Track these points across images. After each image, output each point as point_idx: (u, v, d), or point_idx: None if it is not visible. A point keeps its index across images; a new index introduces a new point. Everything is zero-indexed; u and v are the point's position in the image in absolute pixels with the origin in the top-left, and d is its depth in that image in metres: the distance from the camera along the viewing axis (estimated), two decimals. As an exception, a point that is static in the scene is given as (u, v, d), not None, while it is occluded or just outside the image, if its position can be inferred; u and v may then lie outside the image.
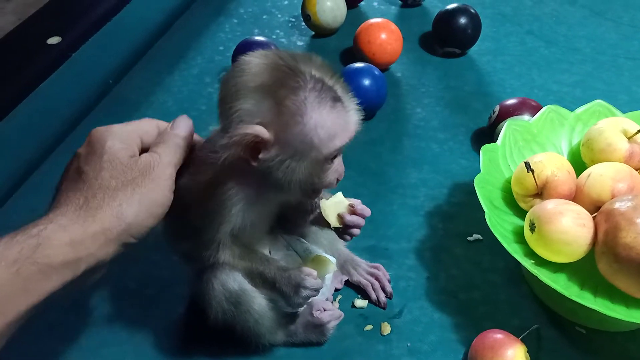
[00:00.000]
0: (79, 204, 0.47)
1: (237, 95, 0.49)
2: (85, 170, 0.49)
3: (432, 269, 0.73)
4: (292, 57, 0.50)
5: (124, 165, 0.50)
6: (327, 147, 0.50)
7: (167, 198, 0.51)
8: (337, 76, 0.51)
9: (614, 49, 1.10)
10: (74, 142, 0.92)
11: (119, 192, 0.48)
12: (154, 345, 0.66)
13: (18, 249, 0.44)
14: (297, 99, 0.48)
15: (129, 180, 0.49)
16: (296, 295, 0.56)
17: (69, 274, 0.46)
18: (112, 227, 0.47)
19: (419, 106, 0.99)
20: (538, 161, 0.66)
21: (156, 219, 0.51)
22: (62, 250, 0.45)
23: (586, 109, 0.78)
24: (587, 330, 0.65)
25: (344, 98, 0.50)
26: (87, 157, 0.50)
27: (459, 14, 1.05)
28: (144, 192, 0.49)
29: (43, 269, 0.44)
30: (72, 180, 0.49)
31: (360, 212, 0.59)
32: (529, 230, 0.62)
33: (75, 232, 0.46)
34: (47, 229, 0.45)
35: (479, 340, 0.61)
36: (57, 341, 0.66)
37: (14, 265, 0.43)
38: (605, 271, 0.59)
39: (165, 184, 0.51)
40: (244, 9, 1.26)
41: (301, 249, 0.63)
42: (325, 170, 0.52)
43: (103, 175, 0.49)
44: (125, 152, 0.51)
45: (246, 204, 0.55)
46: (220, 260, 0.57)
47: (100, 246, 0.47)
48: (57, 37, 1.00)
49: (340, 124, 0.50)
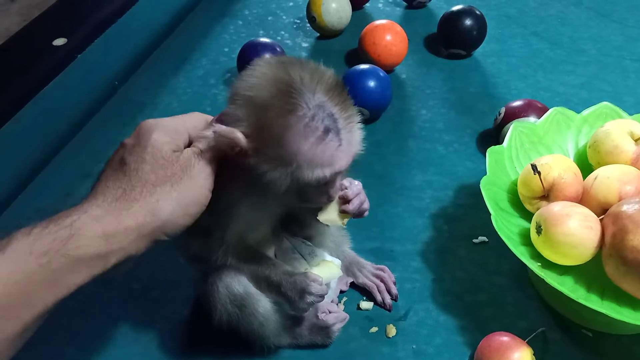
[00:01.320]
0: (116, 196, 0.47)
1: (233, 100, 0.50)
2: (128, 161, 0.48)
3: (437, 271, 0.72)
4: (302, 73, 0.48)
5: (165, 159, 0.49)
6: (305, 174, 0.49)
7: (205, 197, 0.50)
8: (346, 101, 0.49)
9: (620, 51, 1.10)
10: (79, 143, 0.93)
11: (157, 188, 0.47)
12: (160, 347, 0.66)
13: (49, 240, 0.43)
14: (282, 123, 0.47)
15: (169, 175, 0.48)
16: (301, 300, 0.56)
17: (99, 267, 0.45)
18: (147, 223, 0.47)
19: (424, 108, 0.98)
20: (544, 163, 0.66)
21: (192, 218, 0.50)
22: (94, 242, 0.44)
23: (592, 110, 0.77)
24: (594, 332, 0.65)
25: (341, 130, 0.48)
26: (132, 149, 0.49)
27: (464, 16, 1.05)
28: (182, 190, 0.48)
29: (73, 261, 0.43)
30: (114, 170, 0.49)
31: (353, 195, 0.57)
32: (536, 232, 0.62)
33: (108, 224, 0.45)
34: (80, 220, 0.45)
35: (484, 342, 0.61)
36: (64, 342, 0.67)
37: (44, 256, 0.42)
38: (612, 274, 0.59)
39: (204, 183, 0.50)
40: (249, 11, 1.26)
41: (306, 252, 0.63)
42: (313, 194, 0.52)
43: (144, 168, 0.48)
44: (169, 145, 0.49)
45: (253, 204, 0.55)
46: (227, 262, 0.57)
47: (132, 241, 0.46)
48: (62, 38, 1.00)
49: (325, 158, 0.48)
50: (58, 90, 0.93)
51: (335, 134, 0.48)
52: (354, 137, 0.50)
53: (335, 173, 0.50)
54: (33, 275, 0.42)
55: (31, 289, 0.42)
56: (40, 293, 0.43)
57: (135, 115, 0.98)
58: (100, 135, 0.94)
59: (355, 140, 0.50)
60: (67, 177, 0.86)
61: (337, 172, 0.50)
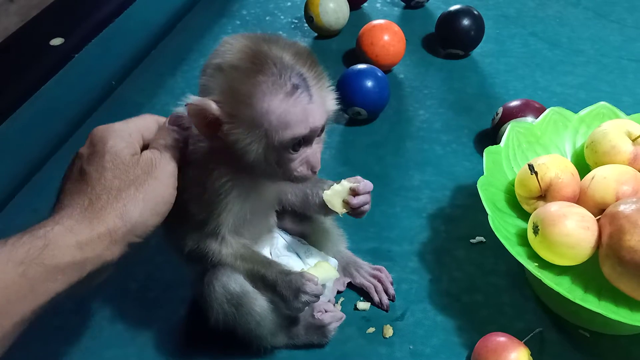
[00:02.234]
0: (84, 206, 0.47)
1: (203, 72, 0.51)
2: (88, 170, 0.49)
3: (434, 271, 0.72)
4: (268, 40, 0.49)
5: (126, 164, 0.49)
6: (279, 134, 0.48)
7: (171, 195, 0.51)
8: (315, 65, 0.49)
9: (618, 51, 1.10)
10: (77, 143, 0.91)
11: (122, 192, 0.48)
12: (156, 347, 0.65)
13: (25, 250, 0.44)
14: (249, 81, 0.47)
15: (132, 179, 0.49)
16: (296, 299, 0.55)
17: (75, 275, 0.46)
18: (117, 227, 0.47)
19: (422, 108, 0.98)
20: (542, 163, 0.66)
21: (161, 217, 0.51)
22: (69, 251, 0.45)
23: (590, 111, 0.77)
24: (591, 333, 0.65)
25: (311, 87, 0.48)
26: (90, 158, 0.50)
27: (462, 16, 1.05)
28: (148, 191, 0.49)
29: (49, 269, 0.44)
30: (76, 181, 0.49)
31: (363, 191, 0.58)
32: (533, 232, 0.62)
33: (81, 233, 0.46)
34: (53, 230, 0.45)
35: (481, 343, 0.60)
36: (61, 343, 0.66)
37: (20, 265, 0.43)
38: (609, 274, 0.59)
39: (168, 181, 0.51)
40: (247, 11, 1.26)
41: (302, 250, 0.63)
42: (288, 160, 0.51)
43: (106, 175, 0.49)
44: (127, 150, 0.50)
45: (242, 191, 0.54)
46: (223, 260, 0.57)
47: (106, 247, 0.47)
48: (60, 38, 1.00)
49: (296, 112, 0.48)
50: (55, 90, 0.92)
51: (304, 89, 0.48)
52: (326, 95, 0.50)
53: (309, 131, 0.49)
54: (11, 283, 0.43)
55: (9, 297, 0.43)
56: (18, 301, 0.43)
57: (133, 115, 0.96)
58: None
59: (327, 98, 0.50)
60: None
61: (311, 130, 0.49)
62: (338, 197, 0.58)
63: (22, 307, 0.44)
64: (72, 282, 0.46)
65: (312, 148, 0.51)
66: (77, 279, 0.46)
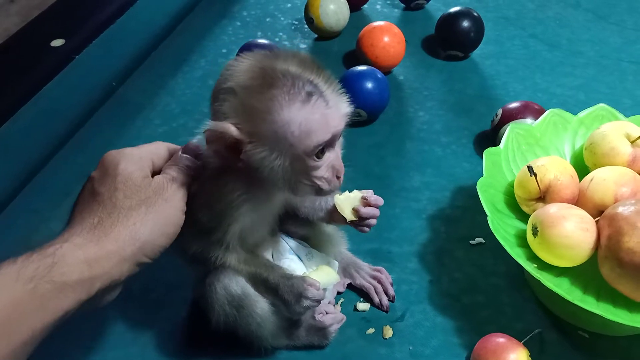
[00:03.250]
0: (93, 224, 0.48)
1: (214, 98, 0.50)
2: (100, 191, 0.50)
3: (434, 272, 0.72)
4: (272, 56, 0.50)
5: (137, 185, 0.50)
6: (303, 143, 0.48)
7: (180, 218, 0.52)
8: (322, 71, 0.50)
9: (618, 53, 1.10)
10: (77, 145, 0.93)
11: (132, 212, 0.49)
12: (158, 348, 0.66)
13: (34, 267, 0.44)
14: (264, 97, 0.47)
15: (143, 200, 0.50)
16: (297, 304, 0.56)
17: (84, 292, 0.46)
18: (126, 246, 0.48)
19: (422, 109, 0.99)
20: (541, 165, 0.66)
21: (169, 239, 0.51)
22: (78, 268, 0.46)
23: (589, 112, 0.77)
24: (590, 334, 0.65)
25: (324, 92, 0.49)
26: (101, 179, 0.51)
27: (462, 17, 1.05)
28: (158, 212, 0.50)
29: (59, 287, 0.44)
30: (87, 202, 0.50)
31: (374, 203, 0.59)
32: (532, 234, 0.62)
33: (90, 250, 0.47)
34: (62, 248, 0.46)
35: (481, 344, 0.61)
36: (63, 344, 0.66)
37: (30, 283, 0.43)
38: (608, 276, 0.59)
39: (177, 205, 0.52)
40: (247, 12, 1.26)
41: (303, 253, 0.63)
42: (314, 167, 0.51)
43: (117, 195, 0.49)
44: (138, 173, 0.51)
45: (253, 203, 0.55)
46: (226, 264, 0.57)
47: (115, 265, 0.48)
48: (61, 39, 1.00)
49: (316, 119, 0.48)
50: (56, 91, 0.93)
51: (319, 95, 0.48)
52: (340, 98, 0.51)
53: (331, 135, 0.49)
54: (20, 301, 0.43)
55: (18, 314, 0.43)
56: (27, 318, 0.44)
57: (134, 116, 0.98)
58: (99, 136, 0.94)
59: (342, 101, 0.51)
60: (65, 178, 0.86)
61: (333, 135, 0.50)
62: (349, 203, 0.59)
63: (32, 324, 0.44)
64: (81, 300, 0.46)
65: (335, 152, 0.52)
66: (86, 296, 0.46)
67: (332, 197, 0.60)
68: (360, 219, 0.59)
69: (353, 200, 0.59)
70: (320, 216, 0.62)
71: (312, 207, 0.62)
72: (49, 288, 0.44)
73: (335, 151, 0.52)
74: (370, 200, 0.59)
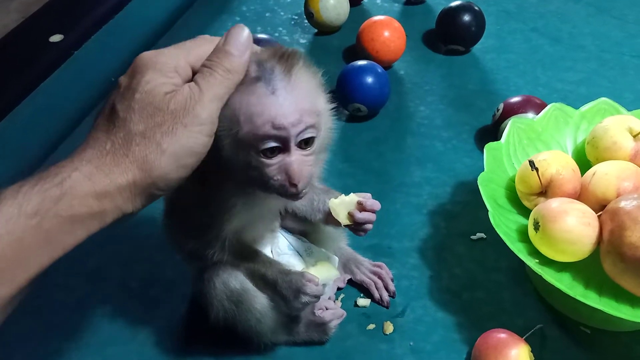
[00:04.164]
0: (105, 149, 0.43)
1: None
2: (117, 108, 0.44)
3: (435, 268, 0.72)
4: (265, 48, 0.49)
5: (155, 105, 0.43)
6: (241, 129, 0.45)
7: (203, 145, 0.45)
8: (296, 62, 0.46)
9: (619, 47, 1.09)
10: (76, 140, 0.91)
11: (145, 140, 0.43)
12: (157, 345, 0.65)
13: (39, 200, 0.40)
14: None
15: (159, 124, 0.43)
16: (296, 300, 0.55)
17: (95, 225, 0.43)
18: (137, 180, 0.43)
19: (423, 104, 0.98)
20: (542, 159, 0.66)
21: (188, 170, 0.45)
22: (87, 202, 0.42)
23: (591, 106, 0.77)
24: (592, 329, 0.64)
25: (276, 80, 0.45)
26: (124, 92, 0.44)
27: (462, 12, 1.04)
28: (174, 141, 0.43)
29: (67, 221, 0.41)
30: (105, 119, 0.44)
31: (370, 208, 0.57)
32: (533, 229, 0.62)
33: (100, 183, 0.42)
34: (70, 178, 0.41)
35: (482, 340, 0.60)
36: (61, 340, 0.66)
37: (34, 217, 0.40)
38: (611, 271, 0.58)
39: (200, 129, 0.44)
40: (247, 7, 1.25)
41: (303, 249, 0.63)
42: (263, 164, 0.47)
43: (132, 117, 0.43)
44: (162, 87, 0.44)
45: (248, 202, 0.54)
46: (223, 260, 0.57)
47: (126, 199, 0.43)
48: (59, 35, 1.00)
49: (253, 104, 0.45)
50: (55, 87, 0.92)
51: (266, 82, 0.45)
52: (299, 95, 0.46)
53: (272, 128, 0.45)
54: (24, 236, 0.40)
55: (24, 250, 0.40)
56: (33, 254, 0.41)
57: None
58: None
59: (300, 98, 0.46)
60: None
61: (276, 127, 0.45)
62: (344, 207, 0.57)
63: (39, 260, 0.41)
64: (91, 232, 0.43)
65: (292, 156, 0.47)
66: (97, 229, 0.43)
67: (328, 200, 0.58)
68: (355, 224, 0.57)
69: (348, 204, 0.57)
70: (318, 217, 0.61)
71: (310, 208, 0.61)
72: (55, 222, 0.40)
73: (292, 155, 0.47)
74: (366, 205, 0.56)
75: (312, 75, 0.49)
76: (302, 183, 0.48)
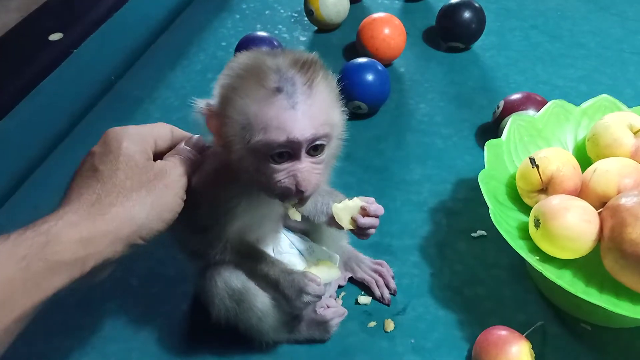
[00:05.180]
0: (91, 201, 0.47)
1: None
2: (101, 169, 0.49)
3: (436, 265, 0.72)
4: (272, 53, 0.49)
5: (139, 167, 0.50)
6: (254, 136, 0.47)
7: (178, 205, 0.52)
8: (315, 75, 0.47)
9: (619, 44, 1.09)
10: (76, 139, 0.93)
11: (132, 193, 0.48)
12: (159, 342, 0.66)
13: (27, 245, 0.44)
14: (239, 83, 0.48)
15: (144, 182, 0.49)
16: (298, 299, 0.55)
17: (77, 271, 0.46)
18: (123, 226, 0.47)
19: (423, 101, 0.98)
20: (543, 156, 0.66)
21: (166, 224, 0.51)
22: (72, 247, 0.45)
23: (592, 103, 0.77)
24: (593, 326, 0.65)
25: (297, 94, 0.46)
26: (103, 157, 0.50)
27: (463, 9, 1.04)
28: (158, 196, 0.50)
29: (52, 265, 0.44)
30: (86, 178, 0.49)
31: (373, 213, 0.57)
32: (534, 226, 0.62)
33: (85, 229, 0.46)
34: (56, 226, 0.45)
35: (483, 336, 0.60)
36: (63, 338, 0.66)
37: (22, 261, 0.43)
38: (611, 267, 0.59)
39: (177, 192, 0.52)
40: (246, 5, 1.25)
41: (304, 248, 0.63)
42: (272, 170, 0.48)
43: (118, 175, 0.49)
44: (141, 154, 0.51)
45: (251, 202, 0.54)
46: (226, 258, 0.57)
47: (109, 245, 0.47)
48: (59, 33, 1.00)
49: (271, 117, 0.46)
50: (55, 86, 0.92)
51: (287, 96, 0.46)
52: (318, 109, 0.47)
53: (286, 139, 0.46)
54: (12, 278, 0.43)
55: (11, 292, 0.43)
56: (20, 296, 0.43)
57: (133, 110, 0.98)
58: (98, 130, 0.91)
59: (318, 112, 0.47)
60: (64, 173, 0.83)
61: (290, 141, 0.46)
62: (347, 212, 0.57)
63: (24, 302, 0.43)
64: (74, 278, 0.46)
65: (302, 164, 0.48)
66: (79, 274, 0.46)
67: (331, 204, 0.58)
68: (359, 228, 0.57)
69: (352, 209, 0.57)
70: (321, 219, 0.61)
71: (314, 209, 0.61)
72: (42, 266, 0.44)
73: (302, 163, 0.48)
74: (369, 211, 0.56)
75: (330, 87, 0.50)
76: (309, 191, 0.49)
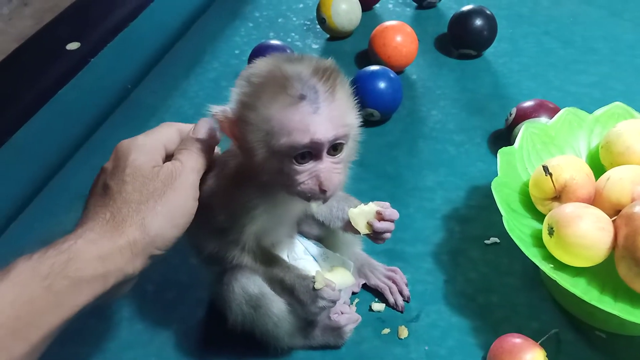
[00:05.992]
0: (105, 219, 0.49)
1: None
2: (110, 185, 0.50)
3: (449, 272, 0.72)
4: (291, 59, 0.50)
5: (145, 177, 0.50)
6: (278, 140, 0.48)
7: (191, 207, 0.52)
8: (334, 80, 0.49)
9: (632, 50, 1.09)
10: (93, 147, 0.94)
11: (141, 206, 0.49)
12: (175, 347, 0.66)
13: (50, 264, 0.45)
14: (261, 90, 0.48)
15: (151, 192, 0.50)
16: (313, 304, 0.56)
17: (99, 287, 0.47)
18: (137, 240, 0.48)
19: (435, 108, 0.98)
20: (556, 164, 0.66)
21: (180, 229, 0.51)
22: (92, 264, 0.46)
23: (605, 111, 0.77)
24: (607, 334, 0.64)
25: (320, 100, 0.47)
26: (112, 172, 0.51)
27: (474, 15, 1.05)
28: (167, 203, 0.50)
29: (74, 282, 0.45)
30: (99, 196, 0.51)
31: (388, 217, 0.58)
32: (548, 234, 0.62)
33: (103, 246, 0.47)
34: (76, 244, 0.46)
35: (497, 344, 0.61)
36: (80, 345, 0.67)
37: (46, 279, 0.44)
38: (625, 275, 0.58)
39: (188, 193, 0.52)
40: (260, 13, 1.26)
41: (318, 254, 0.63)
42: (295, 171, 0.49)
43: (126, 189, 0.50)
44: (148, 164, 0.51)
45: (269, 206, 0.55)
46: (243, 263, 0.58)
47: (128, 260, 0.48)
48: (76, 42, 1.01)
49: (296, 121, 0.47)
50: (72, 94, 0.94)
51: (311, 102, 0.47)
52: (338, 113, 0.49)
53: (310, 141, 0.47)
54: (37, 297, 0.44)
55: (37, 310, 0.44)
56: (45, 314, 0.44)
57: (148, 118, 0.99)
58: (114, 138, 0.93)
59: (338, 116, 0.49)
60: (81, 181, 0.85)
61: (313, 142, 0.48)
62: (363, 217, 0.58)
63: (49, 320, 0.44)
64: (96, 295, 0.47)
65: (323, 164, 0.50)
66: (101, 291, 0.47)
67: (347, 209, 0.59)
68: (375, 233, 0.58)
69: (368, 214, 0.58)
70: (337, 225, 0.62)
71: (330, 214, 0.62)
72: (65, 284, 0.45)
73: (324, 163, 0.50)
74: (385, 215, 0.58)
75: (347, 92, 0.51)
76: (331, 190, 0.50)
